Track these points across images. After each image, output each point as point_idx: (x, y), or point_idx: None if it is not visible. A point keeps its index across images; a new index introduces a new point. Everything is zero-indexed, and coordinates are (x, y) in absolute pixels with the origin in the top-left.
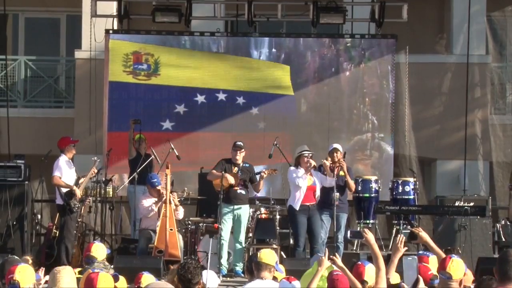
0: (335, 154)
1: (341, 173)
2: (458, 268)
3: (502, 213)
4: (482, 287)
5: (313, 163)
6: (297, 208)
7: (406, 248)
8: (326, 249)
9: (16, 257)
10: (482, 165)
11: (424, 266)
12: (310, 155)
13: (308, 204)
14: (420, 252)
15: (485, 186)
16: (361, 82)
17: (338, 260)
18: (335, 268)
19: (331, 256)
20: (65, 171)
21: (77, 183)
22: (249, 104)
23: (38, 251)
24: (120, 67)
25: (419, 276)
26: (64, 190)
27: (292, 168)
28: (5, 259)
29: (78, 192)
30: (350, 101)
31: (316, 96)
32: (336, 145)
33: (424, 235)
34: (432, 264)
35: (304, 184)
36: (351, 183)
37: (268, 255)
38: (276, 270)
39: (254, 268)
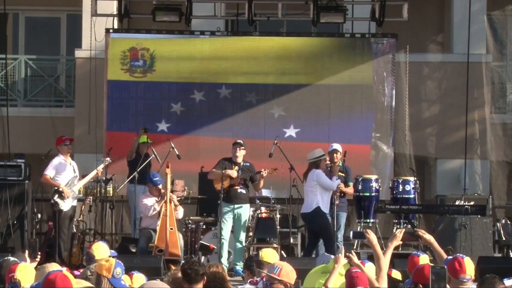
0: (334, 155)
1: (341, 174)
2: (472, 266)
3: (499, 212)
4: (485, 286)
5: (337, 167)
6: (328, 211)
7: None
8: (343, 246)
9: (12, 258)
10: (483, 164)
11: (428, 266)
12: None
13: None
14: (414, 252)
15: (486, 185)
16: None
17: (355, 258)
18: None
19: (347, 254)
20: (57, 171)
21: (71, 184)
22: (267, 101)
23: (38, 249)
24: (118, 65)
25: (447, 285)
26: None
27: (319, 171)
28: (0, 261)
29: (66, 190)
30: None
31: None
32: (335, 146)
33: (428, 237)
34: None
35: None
36: (348, 191)
37: (269, 254)
38: None
39: (255, 267)
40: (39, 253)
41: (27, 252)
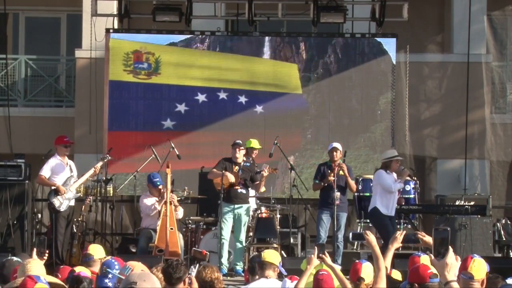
0: (334, 154)
1: (341, 173)
2: (479, 268)
3: (499, 212)
4: (488, 286)
5: (407, 171)
6: (392, 214)
7: (402, 244)
8: (316, 247)
9: (15, 258)
10: (483, 164)
11: (423, 265)
12: (401, 160)
13: None
14: (415, 252)
15: (486, 185)
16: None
17: (327, 259)
18: (325, 267)
19: (320, 255)
20: (53, 172)
21: (68, 183)
22: (252, 103)
23: (31, 250)
24: (120, 66)
25: (449, 247)
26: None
27: (382, 171)
28: (3, 260)
29: (62, 189)
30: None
31: (322, 94)
32: (335, 144)
33: (428, 239)
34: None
35: (397, 190)
36: (352, 184)
37: (272, 255)
38: (280, 270)
39: (258, 268)
40: (47, 251)
41: (35, 250)
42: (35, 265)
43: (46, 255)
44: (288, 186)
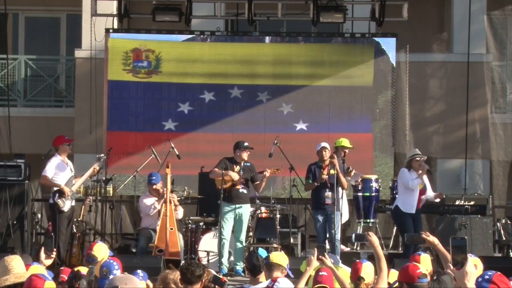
0: (323, 153)
1: (332, 171)
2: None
3: (499, 212)
4: None
5: (426, 167)
6: (413, 211)
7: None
8: (315, 248)
9: None
10: (483, 163)
11: (413, 265)
12: (423, 159)
13: None
14: (418, 252)
15: (486, 185)
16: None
17: (327, 260)
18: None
19: (320, 256)
20: (55, 171)
21: (70, 183)
22: (277, 100)
23: (38, 250)
24: (119, 65)
25: (468, 256)
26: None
27: (404, 169)
28: None
29: (67, 190)
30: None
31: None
32: (324, 144)
33: (432, 239)
34: (424, 263)
35: (417, 187)
36: (343, 181)
37: (279, 257)
38: (287, 272)
39: (265, 269)
40: (55, 249)
41: (43, 249)
42: (17, 262)
43: (54, 253)
44: (288, 183)
